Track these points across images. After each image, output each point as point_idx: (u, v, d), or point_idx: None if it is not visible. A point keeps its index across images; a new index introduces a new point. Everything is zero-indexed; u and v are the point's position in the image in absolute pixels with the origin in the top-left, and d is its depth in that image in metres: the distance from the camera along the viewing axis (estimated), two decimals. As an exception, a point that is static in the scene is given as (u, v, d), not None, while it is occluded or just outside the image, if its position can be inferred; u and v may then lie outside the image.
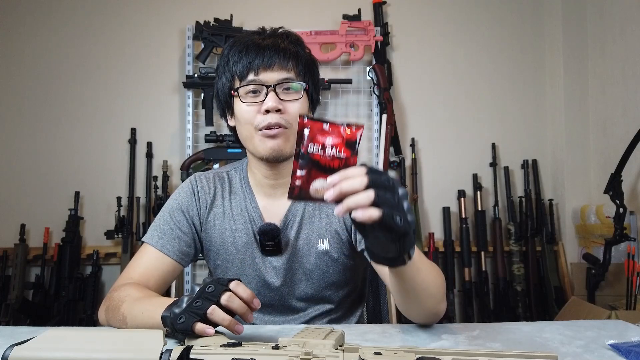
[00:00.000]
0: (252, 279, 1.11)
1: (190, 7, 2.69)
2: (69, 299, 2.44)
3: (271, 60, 1.02)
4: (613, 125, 2.43)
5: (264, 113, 1.00)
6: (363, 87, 2.71)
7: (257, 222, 1.10)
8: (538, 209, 2.66)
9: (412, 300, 0.90)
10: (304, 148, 0.70)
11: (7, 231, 2.54)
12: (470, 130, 2.77)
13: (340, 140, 0.71)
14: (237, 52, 1.04)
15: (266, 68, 1.02)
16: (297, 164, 0.70)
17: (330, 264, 1.10)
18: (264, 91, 1.01)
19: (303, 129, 0.70)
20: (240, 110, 1.04)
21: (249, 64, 1.02)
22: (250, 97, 1.03)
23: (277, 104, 1.00)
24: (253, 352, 0.61)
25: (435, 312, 0.94)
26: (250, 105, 1.02)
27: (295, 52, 1.05)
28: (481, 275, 2.61)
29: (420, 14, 2.80)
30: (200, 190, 1.13)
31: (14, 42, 2.66)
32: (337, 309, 1.15)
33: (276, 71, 1.02)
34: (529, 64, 2.81)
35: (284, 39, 1.05)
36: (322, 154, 0.70)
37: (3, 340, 0.85)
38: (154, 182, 2.57)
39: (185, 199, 1.12)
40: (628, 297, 2.07)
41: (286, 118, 1.02)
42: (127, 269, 1.06)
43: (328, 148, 0.70)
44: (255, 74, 1.02)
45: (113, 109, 2.67)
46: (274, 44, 1.03)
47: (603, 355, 0.77)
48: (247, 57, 1.02)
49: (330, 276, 1.11)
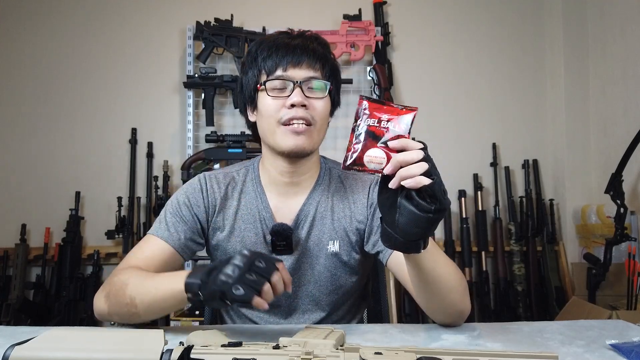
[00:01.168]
0: None
1: (190, 7, 2.69)
2: (70, 299, 2.44)
3: (300, 58, 1.03)
4: (614, 125, 2.43)
5: (289, 107, 1.01)
6: (364, 87, 2.71)
7: (267, 222, 1.09)
8: (539, 208, 2.66)
9: (434, 294, 0.92)
10: (360, 122, 0.75)
11: (7, 231, 2.55)
12: (470, 130, 2.77)
13: (395, 116, 0.76)
14: (267, 49, 1.05)
15: (295, 65, 1.03)
16: (353, 135, 0.74)
17: (338, 266, 1.10)
18: (290, 87, 1.02)
19: (361, 106, 0.75)
20: (264, 103, 1.04)
21: (279, 60, 1.03)
22: (276, 92, 1.03)
23: (302, 99, 1.01)
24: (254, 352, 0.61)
25: (460, 310, 0.95)
26: (276, 99, 1.03)
27: (323, 54, 1.07)
28: (482, 275, 2.61)
29: (420, 14, 2.80)
30: (209, 189, 1.12)
31: (14, 42, 2.66)
32: (341, 311, 1.15)
33: (304, 69, 1.03)
34: (530, 64, 2.81)
35: (313, 41, 1.07)
36: (378, 126, 0.75)
37: (4, 340, 0.85)
38: (154, 182, 2.57)
39: (193, 195, 1.11)
40: (629, 297, 2.07)
41: (311, 114, 1.03)
42: (127, 257, 1.05)
43: (384, 122, 0.75)
44: (283, 70, 1.03)
45: (114, 109, 2.67)
46: (304, 44, 1.05)
47: (604, 355, 0.77)
48: (277, 54, 1.03)
49: (338, 278, 1.11)
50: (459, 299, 0.94)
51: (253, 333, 0.91)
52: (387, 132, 0.74)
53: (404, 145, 0.74)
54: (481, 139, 2.76)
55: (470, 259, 2.62)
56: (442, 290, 0.91)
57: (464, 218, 2.64)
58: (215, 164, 2.52)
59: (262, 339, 0.86)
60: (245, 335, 0.90)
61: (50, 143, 2.64)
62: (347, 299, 1.16)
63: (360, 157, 0.73)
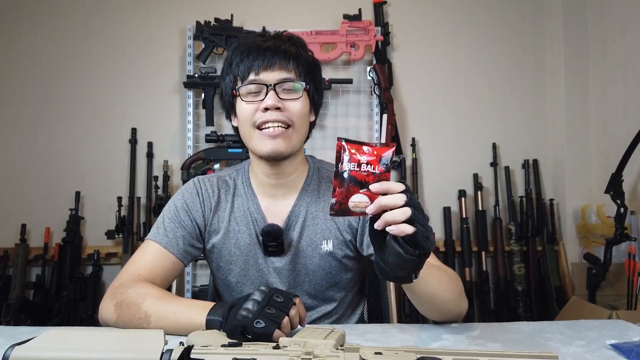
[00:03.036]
0: (255, 280, 1.11)
1: (190, 7, 2.69)
2: (70, 299, 2.44)
3: (272, 60, 1.03)
4: (614, 125, 2.43)
5: (263, 111, 1.02)
6: (364, 87, 2.70)
7: (259, 223, 1.10)
8: (539, 208, 2.66)
9: (430, 307, 0.96)
10: (342, 166, 0.76)
11: (7, 231, 2.55)
12: (470, 130, 2.77)
13: (374, 157, 0.77)
14: (240, 54, 1.06)
15: (266, 68, 1.03)
16: (337, 182, 0.76)
17: (334, 265, 1.10)
18: (264, 90, 1.02)
19: (341, 150, 0.77)
20: (240, 109, 1.05)
21: (250, 64, 1.03)
22: (251, 96, 1.04)
23: (276, 102, 1.01)
24: (254, 352, 0.61)
25: (457, 313, 0.99)
26: (250, 103, 1.03)
27: (296, 53, 1.06)
28: (482, 275, 2.61)
29: (420, 14, 2.80)
30: (204, 192, 1.13)
31: (14, 42, 2.66)
32: (339, 309, 1.15)
33: (276, 71, 1.03)
34: (530, 64, 2.81)
35: (286, 41, 1.07)
36: (358, 170, 0.76)
37: (4, 340, 0.85)
38: (154, 182, 2.57)
39: (189, 199, 1.12)
40: (629, 297, 2.07)
41: (287, 115, 1.03)
42: (130, 264, 1.05)
43: (363, 165, 0.77)
44: (255, 74, 1.03)
45: (113, 109, 2.67)
46: (275, 45, 1.05)
47: (604, 355, 0.77)
48: (248, 59, 1.04)
49: (334, 277, 1.11)
50: (455, 305, 0.98)
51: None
52: (367, 175, 0.76)
53: (385, 189, 0.75)
54: (481, 139, 2.76)
55: (470, 259, 2.62)
56: (439, 304, 0.95)
57: (464, 218, 2.64)
58: (215, 164, 2.52)
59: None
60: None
61: (50, 143, 2.64)
62: (346, 295, 1.16)
63: (345, 204, 0.76)
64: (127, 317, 0.93)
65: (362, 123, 2.71)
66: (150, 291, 0.96)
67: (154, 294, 0.95)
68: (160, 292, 0.97)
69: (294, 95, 1.04)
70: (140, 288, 0.96)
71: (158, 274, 1.04)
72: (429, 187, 2.74)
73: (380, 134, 2.58)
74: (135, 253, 1.09)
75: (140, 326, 0.92)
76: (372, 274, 1.32)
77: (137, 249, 1.09)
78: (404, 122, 2.72)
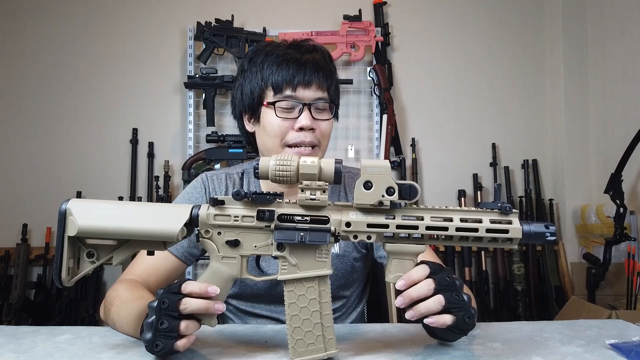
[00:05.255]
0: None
1: (191, 8, 2.70)
2: (71, 299, 2.44)
3: (311, 78, 1.02)
4: (613, 125, 2.43)
5: (297, 130, 1.01)
6: (364, 88, 2.71)
7: None
8: (538, 208, 2.66)
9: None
10: None
11: (9, 231, 2.55)
12: (470, 130, 2.77)
13: None
14: (276, 63, 1.03)
15: (305, 86, 1.02)
16: None
17: (340, 266, 1.11)
18: (299, 108, 1.02)
19: None
20: (271, 122, 1.03)
21: (289, 78, 1.02)
22: (284, 112, 1.02)
23: (311, 123, 1.01)
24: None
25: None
26: (285, 120, 1.02)
27: (330, 71, 1.06)
28: (481, 274, 2.62)
29: (420, 14, 2.80)
30: (210, 185, 1.12)
31: (14, 42, 2.66)
32: (342, 307, 1.16)
33: (313, 90, 1.03)
34: (529, 64, 2.81)
35: (320, 57, 1.05)
36: None
37: (5, 339, 0.85)
38: (155, 182, 2.58)
39: (196, 197, 1.11)
40: (628, 296, 2.08)
41: (317, 136, 1.03)
42: (131, 264, 1.05)
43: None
44: (292, 90, 1.02)
45: (114, 109, 2.68)
46: (314, 60, 1.04)
47: (603, 354, 0.78)
48: (286, 71, 1.02)
49: (340, 278, 1.12)
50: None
51: (252, 333, 0.92)
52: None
53: (408, 283, 0.72)
54: (481, 139, 2.77)
55: (470, 259, 2.62)
56: None
57: (464, 218, 2.63)
58: (216, 164, 2.52)
59: (261, 339, 0.87)
60: (245, 335, 0.90)
61: (51, 143, 2.64)
62: (353, 292, 1.17)
63: None
64: (109, 322, 0.93)
65: (362, 123, 2.71)
66: (120, 294, 0.94)
67: (120, 297, 0.93)
68: (128, 293, 0.93)
69: (325, 115, 1.05)
70: (114, 291, 0.96)
71: (155, 274, 1.03)
72: (429, 187, 2.74)
73: (380, 134, 2.58)
74: (139, 253, 1.08)
75: (114, 327, 0.91)
76: (372, 275, 1.32)
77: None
78: (404, 122, 2.73)
